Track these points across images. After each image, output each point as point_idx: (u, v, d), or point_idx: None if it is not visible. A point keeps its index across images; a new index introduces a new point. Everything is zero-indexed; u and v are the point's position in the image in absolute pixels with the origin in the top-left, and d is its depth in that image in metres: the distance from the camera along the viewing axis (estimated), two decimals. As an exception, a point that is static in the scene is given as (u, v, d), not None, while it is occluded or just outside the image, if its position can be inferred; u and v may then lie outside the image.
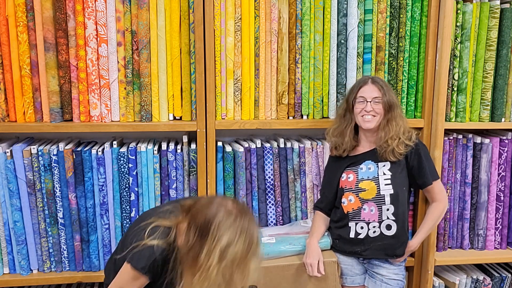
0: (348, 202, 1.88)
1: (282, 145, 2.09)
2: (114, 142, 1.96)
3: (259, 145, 2.06)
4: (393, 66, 2.09)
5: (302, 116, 2.08)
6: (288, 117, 2.07)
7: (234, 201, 1.39)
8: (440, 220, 1.97)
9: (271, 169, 2.06)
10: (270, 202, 2.09)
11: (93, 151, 1.92)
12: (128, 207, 1.97)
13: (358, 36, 2.03)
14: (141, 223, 1.45)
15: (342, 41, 2.03)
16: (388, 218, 1.83)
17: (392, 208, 1.82)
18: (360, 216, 1.86)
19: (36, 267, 1.99)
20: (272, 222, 2.10)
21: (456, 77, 2.10)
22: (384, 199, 1.82)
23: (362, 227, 1.86)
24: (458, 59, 2.09)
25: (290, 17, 1.99)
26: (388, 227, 1.83)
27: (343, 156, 1.91)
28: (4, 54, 1.84)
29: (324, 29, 2.02)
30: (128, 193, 1.96)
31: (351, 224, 1.88)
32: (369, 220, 1.85)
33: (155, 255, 1.38)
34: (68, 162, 1.90)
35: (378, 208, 1.83)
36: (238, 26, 1.96)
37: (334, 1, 2.00)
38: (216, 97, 1.98)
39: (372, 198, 1.83)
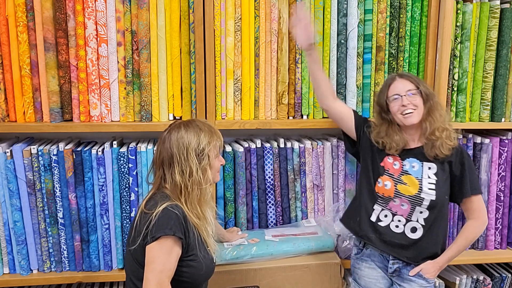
0: (383, 185, 1.74)
1: (282, 145, 2.09)
2: (114, 142, 1.96)
3: (259, 145, 2.06)
4: (393, 66, 2.09)
5: (302, 116, 2.08)
6: (288, 117, 2.07)
7: (176, 121, 1.54)
8: (474, 240, 1.78)
9: (271, 169, 2.06)
10: (270, 202, 2.09)
11: (93, 151, 1.92)
12: (128, 207, 1.97)
13: (358, 36, 2.03)
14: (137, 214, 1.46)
15: (342, 41, 2.03)
16: (417, 220, 1.69)
17: (426, 214, 1.68)
18: (387, 205, 1.73)
19: (36, 267, 1.99)
20: (272, 222, 2.10)
21: (456, 77, 2.10)
22: (422, 202, 1.68)
23: (386, 216, 1.73)
24: (458, 59, 2.09)
25: (290, 17, 1.98)
26: (413, 229, 1.70)
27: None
28: (4, 54, 1.84)
29: (324, 29, 2.02)
30: (128, 193, 1.96)
31: (376, 207, 1.76)
32: (396, 212, 1.71)
33: (172, 212, 1.39)
34: (68, 162, 1.90)
35: (411, 207, 1.69)
36: (238, 26, 1.96)
37: (334, 1, 2.00)
38: (216, 97, 1.98)
39: (409, 196, 1.69)
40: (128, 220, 1.98)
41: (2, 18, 1.81)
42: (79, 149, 1.92)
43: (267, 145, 2.07)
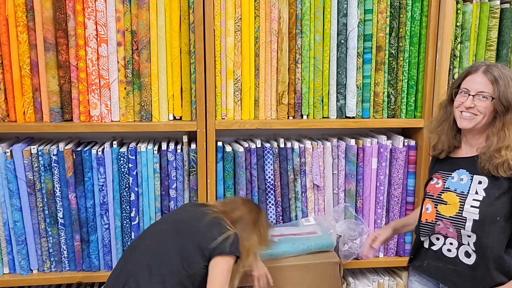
0: (425, 210, 1.56)
1: (282, 145, 2.09)
2: (114, 142, 1.96)
3: (259, 145, 2.06)
4: (393, 66, 2.09)
5: (302, 116, 2.08)
6: (288, 117, 2.07)
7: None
8: None
9: (271, 169, 2.06)
10: (270, 202, 2.09)
11: (93, 151, 1.92)
12: (128, 207, 1.97)
13: (358, 36, 2.03)
14: (201, 228, 1.55)
15: (342, 41, 2.03)
16: (468, 244, 1.45)
17: (474, 237, 1.42)
18: (434, 229, 1.54)
19: (36, 267, 1.99)
20: (272, 222, 2.10)
21: (456, 77, 2.10)
22: (464, 223, 1.43)
23: (438, 239, 1.53)
24: (458, 59, 2.09)
25: (290, 17, 1.99)
26: (467, 254, 1.46)
27: (441, 158, 1.59)
28: (4, 54, 1.84)
29: (324, 29, 2.02)
30: (128, 193, 1.97)
31: (424, 239, 1.59)
32: (446, 235, 1.50)
33: (235, 237, 1.55)
34: (68, 162, 1.90)
35: (457, 230, 1.47)
36: (238, 26, 1.96)
37: (334, 1, 2.00)
38: (216, 97, 1.98)
39: (450, 217, 1.47)
40: (128, 220, 1.98)
41: (2, 18, 1.81)
42: (79, 149, 1.92)
43: (267, 145, 2.07)
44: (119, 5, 1.87)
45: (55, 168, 1.90)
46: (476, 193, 1.43)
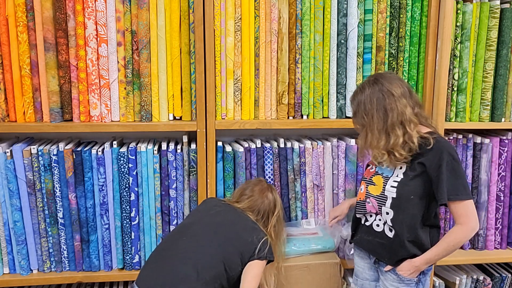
0: (359, 190, 1.82)
1: (282, 145, 2.09)
2: (114, 142, 1.96)
3: (259, 145, 2.06)
4: (393, 66, 2.09)
5: (302, 116, 2.08)
6: (288, 117, 2.07)
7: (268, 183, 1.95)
8: (459, 246, 1.65)
9: (271, 169, 2.06)
10: (270, 202, 2.09)
11: (93, 151, 1.92)
12: (128, 207, 1.97)
13: (358, 36, 2.03)
14: (240, 231, 1.70)
15: (342, 41, 2.03)
16: (388, 220, 1.69)
17: (391, 214, 1.67)
18: (365, 207, 1.76)
19: (36, 267, 1.99)
20: (272, 222, 2.10)
21: (456, 77, 2.10)
22: (386, 200, 1.68)
23: (370, 216, 1.77)
24: (458, 59, 2.09)
25: (290, 17, 1.99)
26: (390, 229, 1.70)
27: None
28: (4, 54, 1.84)
29: (324, 29, 2.02)
30: (128, 193, 1.97)
31: (360, 216, 1.81)
32: (376, 213, 1.74)
33: (270, 242, 1.70)
34: (68, 162, 1.90)
35: (378, 207, 1.71)
36: (238, 26, 1.96)
37: (334, 1, 2.00)
38: (216, 97, 1.98)
39: (376, 195, 1.71)
40: (128, 220, 1.98)
41: (2, 18, 1.81)
42: (79, 149, 1.92)
43: (267, 145, 2.07)
44: (119, 5, 1.87)
45: (55, 168, 1.90)
46: (397, 176, 1.68)
